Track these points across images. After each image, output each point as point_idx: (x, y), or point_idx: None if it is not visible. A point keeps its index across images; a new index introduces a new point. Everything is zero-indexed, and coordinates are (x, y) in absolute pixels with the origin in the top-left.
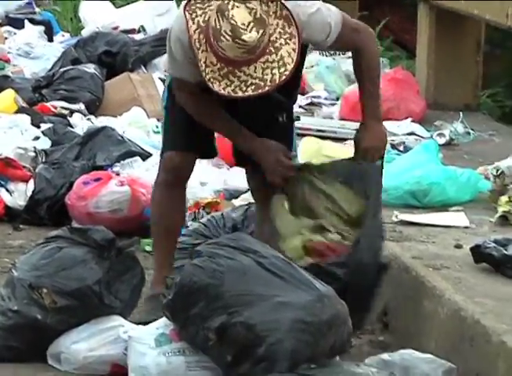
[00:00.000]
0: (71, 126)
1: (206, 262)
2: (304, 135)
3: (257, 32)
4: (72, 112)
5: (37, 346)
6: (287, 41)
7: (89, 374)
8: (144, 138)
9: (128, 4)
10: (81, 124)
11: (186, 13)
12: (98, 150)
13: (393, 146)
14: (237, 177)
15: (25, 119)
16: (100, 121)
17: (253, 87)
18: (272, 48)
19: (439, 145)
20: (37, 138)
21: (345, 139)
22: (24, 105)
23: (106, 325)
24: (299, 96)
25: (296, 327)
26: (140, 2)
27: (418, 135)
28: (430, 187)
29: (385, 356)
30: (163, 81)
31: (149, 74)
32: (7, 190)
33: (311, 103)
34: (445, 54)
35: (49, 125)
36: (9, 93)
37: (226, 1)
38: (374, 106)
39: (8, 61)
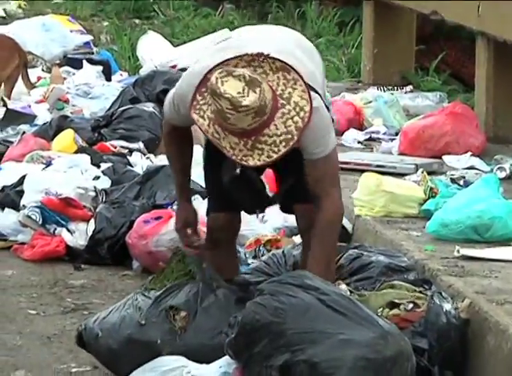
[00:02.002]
0: (131, 165)
1: (268, 300)
2: (363, 171)
3: (255, 92)
4: (131, 151)
5: (134, 364)
6: (293, 86)
7: None
8: (203, 176)
9: (186, 43)
10: (140, 163)
11: (195, 115)
12: (158, 189)
13: (453, 181)
14: None
15: (85, 159)
16: (160, 160)
17: (283, 143)
18: (283, 101)
19: (500, 179)
20: (97, 177)
21: (405, 174)
22: (84, 144)
23: (170, 365)
24: (358, 132)
25: (359, 365)
26: (198, 40)
27: (478, 169)
28: (492, 221)
29: None
30: None
31: None
32: (68, 230)
33: (370, 139)
34: (504, 87)
35: (109, 165)
36: (69, 133)
37: (214, 82)
38: (324, 268)
39: (67, 101)
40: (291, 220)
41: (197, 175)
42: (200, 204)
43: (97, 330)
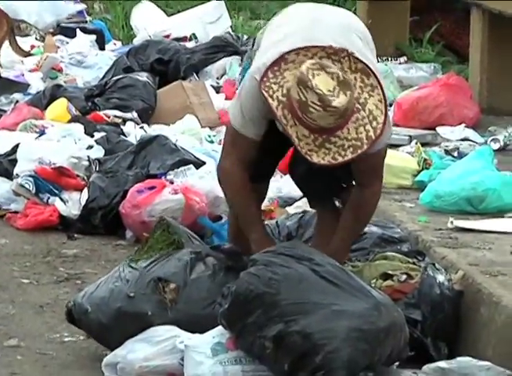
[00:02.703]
0: (124, 135)
1: (262, 271)
2: None
3: (345, 95)
4: (125, 121)
5: (126, 337)
6: (370, 93)
7: None
8: (197, 146)
9: (180, 12)
10: (134, 132)
11: (264, 92)
12: (151, 159)
13: (447, 152)
14: (291, 184)
15: (78, 128)
16: (153, 130)
17: (351, 149)
18: (358, 106)
19: (494, 150)
20: (90, 147)
21: (399, 146)
22: (77, 114)
23: (163, 335)
24: None
25: (353, 336)
26: (191, 10)
27: (472, 141)
28: (486, 193)
29: (443, 363)
30: (215, 88)
31: (202, 82)
32: (61, 199)
33: None
34: (499, 58)
35: (102, 134)
36: (62, 102)
37: (304, 72)
38: (345, 246)
39: (60, 70)
40: (285, 190)
41: (190, 145)
42: (192, 175)
43: (86, 306)
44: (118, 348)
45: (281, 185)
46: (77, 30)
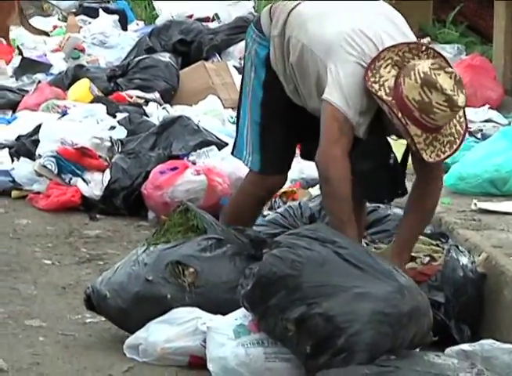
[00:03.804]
0: (147, 115)
1: (285, 253)
2: None
3: (463, 93)
4: (147, 101)
5: (146, 321)
6: None
7: (167, 364)
8: (219, 127)
9: None
10: (156, 113)
11: (372, 90)
12: (174, 140)
13: (470, 134)
14: (313, 166)
15: (101, 108)
16: (175, 110)
17: (448, 145)
18: None
19: None
20: (113, 127)
21: None
22: (99, 94)
23: (185, 317)
24: None
25: (375, 319)
26: None
27: (496, 122)
28: (510, 175)
29: (465, 346)
30: (237, 69)
31: (224, 63)
32: (83, 180)
33: None
34: None
35: (125, 115)
36: (85, 82)
37: (428, 73)
38: (409, 241)
39: (83, 50)
40: (307, 172)
41: (213, 125)
42: (216, 155)
43: (105, 291)
44: (140, 330)
45: (303, 166)
46: (100, 10)
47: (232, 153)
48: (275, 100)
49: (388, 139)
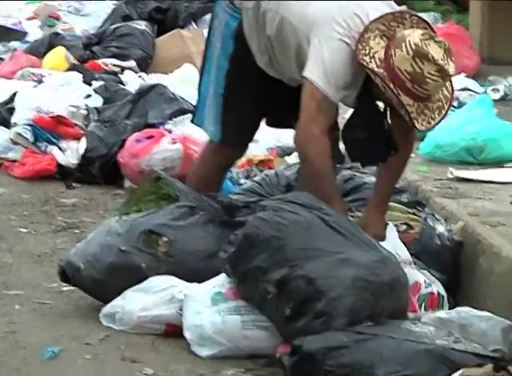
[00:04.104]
0: (123, 84)
1: (270, 215)
2: None
3: (452, 61)
4: (123, 69)
5: (121, 292)
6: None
7: (144, 333)
8: (195, 95)
9: None
10: (132, 81)
11: (363, 63)
12: (150, 108)
13: None
14: (289, 134)
15: (76, 77)
16: (151, 79)
17: (437, 111)
18: None
19: (493, 100)
20: (88, 96)
21: None
22: (75, 62)
23: (161, 285)
24: None
25: (357, 285)
26: None
27: (472, 91)
28: (486, 143)
29: (442, 313)
30: None
31: (200, 30)
32: (59, 148)
33: None
34: (499, 7)
35: (101, 83)
36: (60, 50)
37: (420, 44)
38: (387, 195)
39: (58, 18)
40: (284, 140)
41: (189, 94)
42: (191, 125)
43: (78, 263)
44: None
45: (280, 134)
46: None
47: (192, 121)
48: (241, 73)
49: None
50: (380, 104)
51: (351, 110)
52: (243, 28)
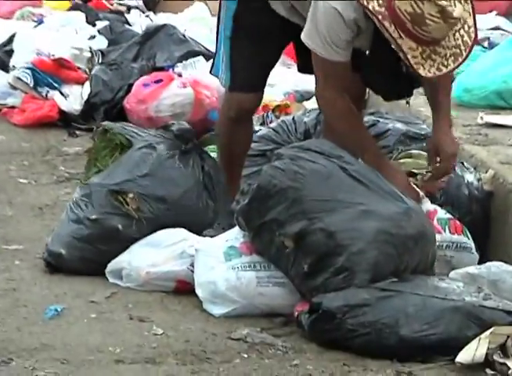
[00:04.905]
0: (129, 24)
1: (287, 165)
2: None
3: (460, 3)
4: (129, 8)
5: (112, 258)
6: None
7: (152, 290)
8: (207, 36)
9: None
10: (139, 21)
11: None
12: (158, 50)
13: (477, 43)
14: (308, 78)
15: (79, 16)
16: (160, 18)
17: (452, 58)
18: None
19: None
20: (92, 37)
21: None
22: (78, 1)
23: (170, 239)
24: None
25: (380, 238)
26: None
27: (504, 30)
28: None
29: (471, 268)
30: None
31: None
32: (61, 93)
33: None
34: None
35: (105, 23)
36: None
37: None
38: (448, 113)
39: None
40: (302, 84)
41: (200, 34)
42: (203, 66)
43: (58, 250)
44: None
45: (298, 78)
46: None
47: (210, 72)
48: (248, 14)
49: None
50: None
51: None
52: None
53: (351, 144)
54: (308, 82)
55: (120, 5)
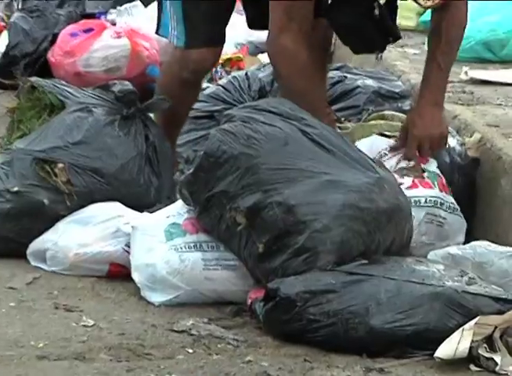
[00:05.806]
0: None
1: (239, 128)
2: None
3: None
4: None
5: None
6: None
7: (82, 274)
8: None
9: None
10: None
11: None
12: None
13: None
14: None
15: None
16: None
17: None
18: None
19: None
20: None
21: None
22: None
23: (102, 215)
24: None
25: (347, 213)
26: None
27: None
28: (509, 36)
29: (453, 249)
30: None
31: None
32: None
33: None
34: None
35: None
36: None
37: None
38: (439, 85)
39: None
40: (257, 34)
41: None
42: (141, 13)
43: None
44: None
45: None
46: None
47: (156, 32)
48: None
49: None
50: None
51: None
52: None
53: (305, 104)
54: (263, 32)
55: None
